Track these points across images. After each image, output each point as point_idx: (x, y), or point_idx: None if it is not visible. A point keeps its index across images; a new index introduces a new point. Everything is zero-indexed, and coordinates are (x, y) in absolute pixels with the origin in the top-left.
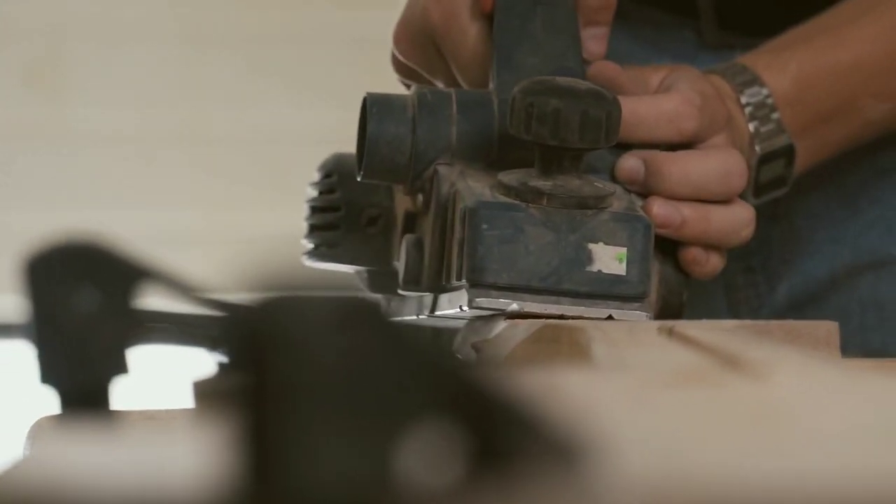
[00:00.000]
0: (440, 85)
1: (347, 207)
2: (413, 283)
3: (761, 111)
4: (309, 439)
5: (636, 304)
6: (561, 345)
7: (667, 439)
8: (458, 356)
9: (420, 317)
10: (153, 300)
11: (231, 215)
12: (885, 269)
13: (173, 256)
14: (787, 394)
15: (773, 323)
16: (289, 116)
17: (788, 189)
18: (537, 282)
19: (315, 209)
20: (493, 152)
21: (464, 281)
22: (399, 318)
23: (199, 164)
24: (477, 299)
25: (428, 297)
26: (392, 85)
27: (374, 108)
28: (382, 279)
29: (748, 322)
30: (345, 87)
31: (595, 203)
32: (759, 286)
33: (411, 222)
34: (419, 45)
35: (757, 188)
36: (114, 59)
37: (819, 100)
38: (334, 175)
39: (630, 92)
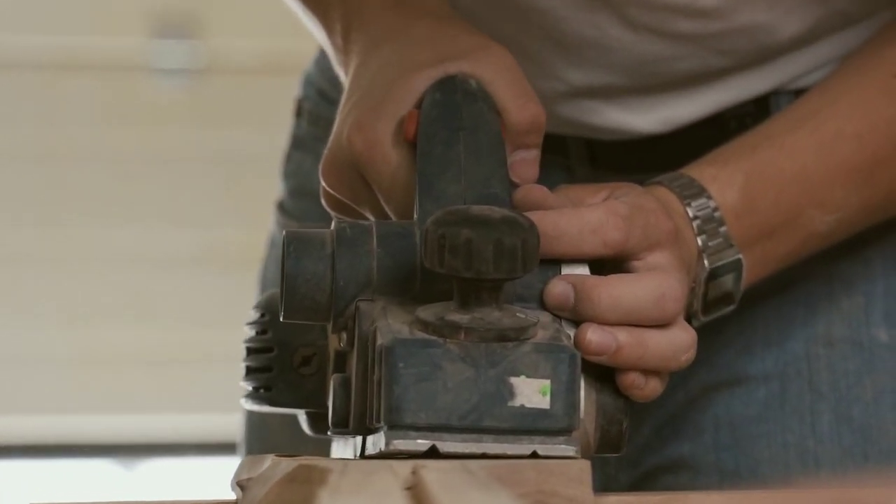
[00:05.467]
0: (369, 216)
1: (280, 348)
2: (341, 424)
3: (709, 224)
4: None
5: (562, 438)
6: (313, 485)
7: None
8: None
9: (356, 458)
10: None
11: (99, 334)
12: (740, 387)
13: (44, 376)
14: None
15: (526, 463)
16: (155, 235)
17: (735, 306)
18: (457, 420)
19: (249, 350)
20: (416, 285)
21: (382, 423)
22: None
23: (66, 282)
24: (394, 441)
25: (358, 440)
26: (254, 202)
27: (291, 246)
28: (322, 420)
29: (501, 462)
30: (209, 204)
31: (516, 335)
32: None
33: (342, 361)
34: (345, 177)
35: (705, 305)
36: None
37: (766, 212)
38: (267, 314)
39: None
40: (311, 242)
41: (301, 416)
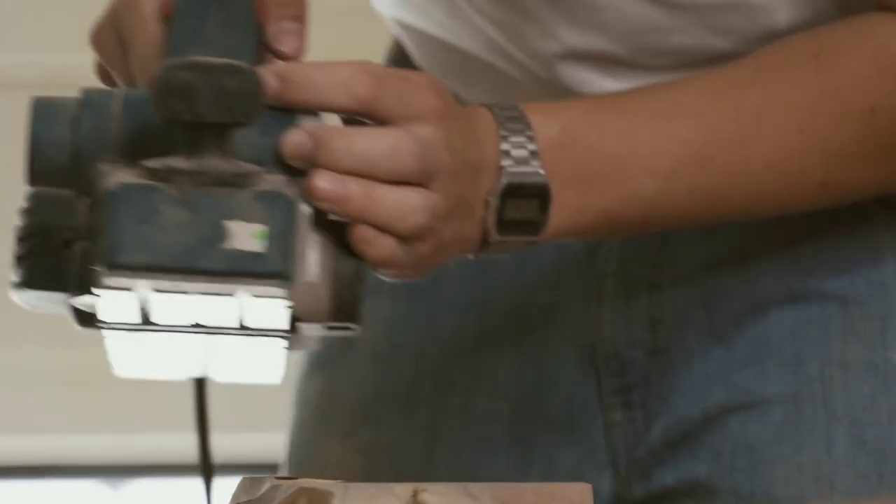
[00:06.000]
0: (121, 84)
1: (42, 232)
2: (83, 289)
3: (519, 150)
4: None
5: (275, 281)
6: None
7: None
8: None
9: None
10: None
11: (87, 353)
12: (756, 410)
13: (29, 396)
14: None
15: (527, 486)
16: None
17: (539, 239)
18: (171, 261)
19: (17, 241)
20: (158, 149)
21: (99, 265)
22: None
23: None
24: (105, 279)
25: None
26: None
27: (36, 111)
28: (89, 314)
29: (502, 485)
30: None
31: (236, 181)
32: (637, 423)
33: (90, 233)
34: (107, 42)
35: (501, 223)
36: None
37: (585, 154)
38: (33, 201)
39: None
40: (56, 107)
41: (68, 310)
